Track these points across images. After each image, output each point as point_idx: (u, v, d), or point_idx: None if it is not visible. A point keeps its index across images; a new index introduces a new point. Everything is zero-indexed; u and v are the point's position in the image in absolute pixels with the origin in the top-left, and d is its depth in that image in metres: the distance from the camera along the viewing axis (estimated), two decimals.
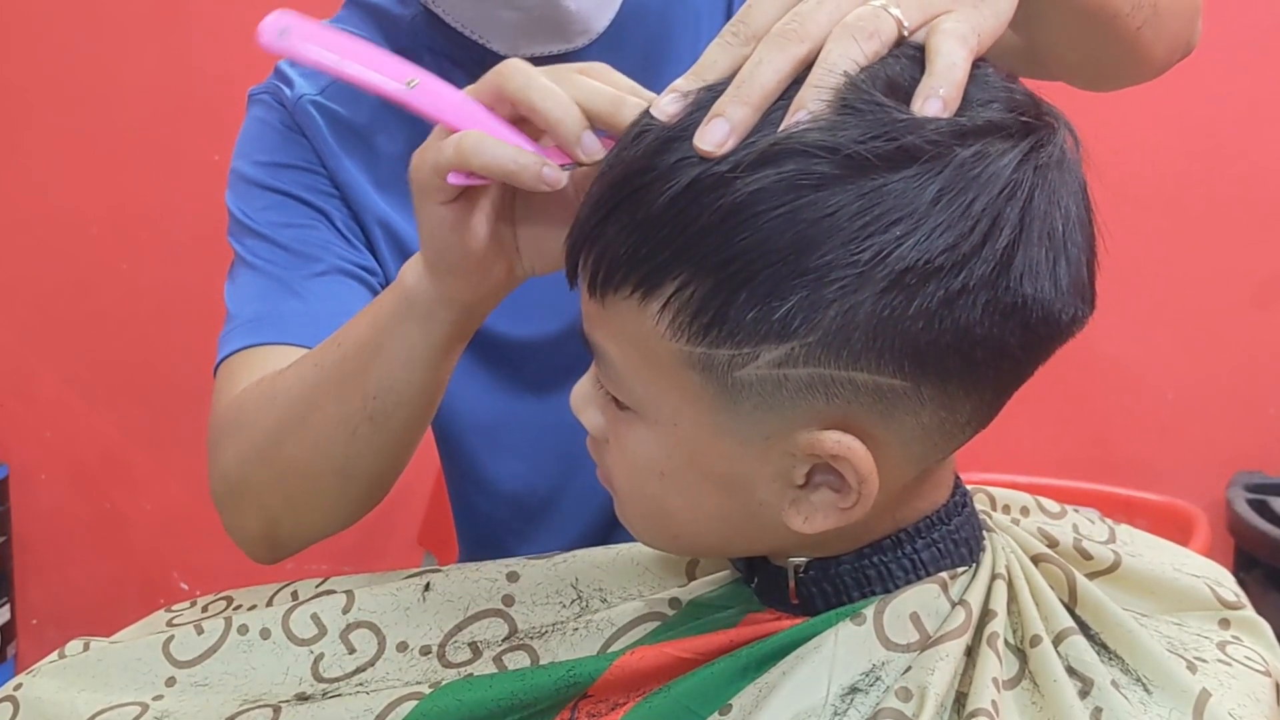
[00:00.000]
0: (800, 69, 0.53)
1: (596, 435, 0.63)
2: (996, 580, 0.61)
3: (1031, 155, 0.53)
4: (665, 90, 0.56)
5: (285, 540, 0.83)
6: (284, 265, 0.89)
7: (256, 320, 0.87)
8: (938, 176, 0.51)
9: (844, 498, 0.56)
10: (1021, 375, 0.57)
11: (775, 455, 0.56)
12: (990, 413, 0.58)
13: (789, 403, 0.53)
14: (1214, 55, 1.93)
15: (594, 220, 0.55)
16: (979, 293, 0.51)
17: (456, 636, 0.70)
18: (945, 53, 0.53)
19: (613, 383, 0.59)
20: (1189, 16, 0.86)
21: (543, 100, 0.61)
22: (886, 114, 0.51)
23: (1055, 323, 0.54)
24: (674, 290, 0.53)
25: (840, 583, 0.60)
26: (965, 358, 0.53)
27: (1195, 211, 1.98)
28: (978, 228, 0.51)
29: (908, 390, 0.53)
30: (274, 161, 0.92)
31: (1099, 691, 0.57)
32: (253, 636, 0.72)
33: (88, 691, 0.71)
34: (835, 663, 0.57)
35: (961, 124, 0.52)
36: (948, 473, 0.62)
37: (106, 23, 2.11)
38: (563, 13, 0.86)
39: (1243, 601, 0.69)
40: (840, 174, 0.50)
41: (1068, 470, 1.96)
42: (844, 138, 0.50)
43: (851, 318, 0.51)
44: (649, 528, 0.63)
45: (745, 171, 0.51)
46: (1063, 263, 0.54)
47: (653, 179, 0.53)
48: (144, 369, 2.20)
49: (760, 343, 0.52)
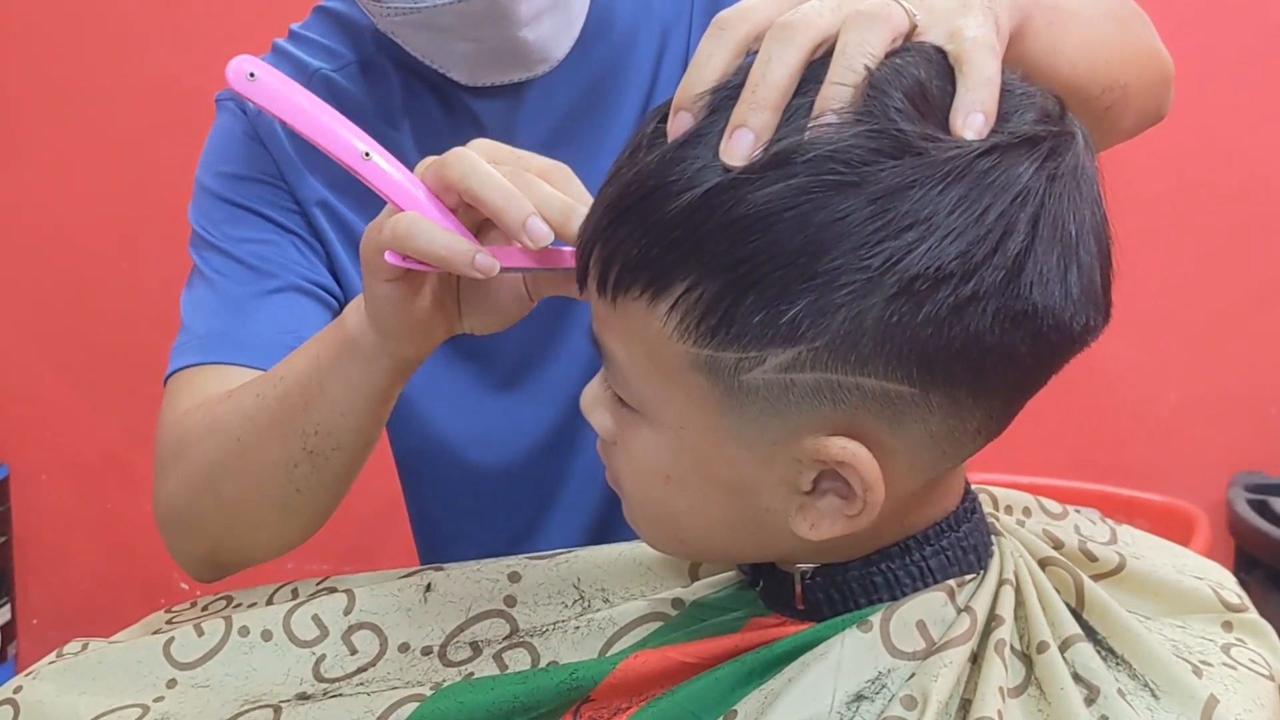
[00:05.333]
0: (810, 60, 0.53)
1: (605, 437, 0.62)
2: (1004, 586, 0.60)
3: (1048, 163, 0.52)
4: (670, 105, 0.55)
5: (227, 563, 0.85)
6: (239, 281, 0.89)
7: (208, 337, 0.87)
8: (955, 185, 0.50)
9: (850, 505, 0.55)
10: (1033, 385, 0.56)
11: (781, 461, 0.55)
12: (1002, 422, 0.57)
13: (795, 408, 0.53)
14: (1215, 58, 1.94)
15: (606, 221, 0.55)
16: (989, 300, 0.51)
17: (458, 637, 0.70)
18: (979, 65, 0.52)
19: (620, 385, 0.59)
20: (1160, 90, 0.86)
21: (483, 189, 0.62)
22: (910, 124, 0.51)
23: (1067, 331, 0.54)
24: (683, 291, 0.52)
25: (847, 589, 0.60)
26: (974, 366, 0.52)
27: (1196, 212, 1.97)
28: (990, 235, 0.50)
29: (916, 398, 0.53)
30: (234, 174, 0.92)
31: (1104, 699, 0.57)
32: (254, 638, 0.71)
33: (88, 694, 0.71)
34: (841, 670, 0.57)
35: (993, 142, 0.51)
36: (957, 481, 0.62)
37: (107, 22, 2.11)
38: (519, 44, 0.85)
39: (1245, 604, 0.68)
40: (854, 181, 0.50)
41: (1068, 470, 1.96)
42: (863, 147, 0.50)
43: (860, 323, 0.50)
44: (656, 531, 0.63)
45: (760, 176, 0.50)
46: (1074, 270, 0.53)
47: (668, 184, 0.52)
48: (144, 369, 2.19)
49: (767, 346, 0.51)
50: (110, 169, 2.15)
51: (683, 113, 0.54)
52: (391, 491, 1.07)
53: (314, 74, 0.93)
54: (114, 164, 2.15)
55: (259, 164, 0.92)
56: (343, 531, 1.46)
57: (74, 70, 2.13)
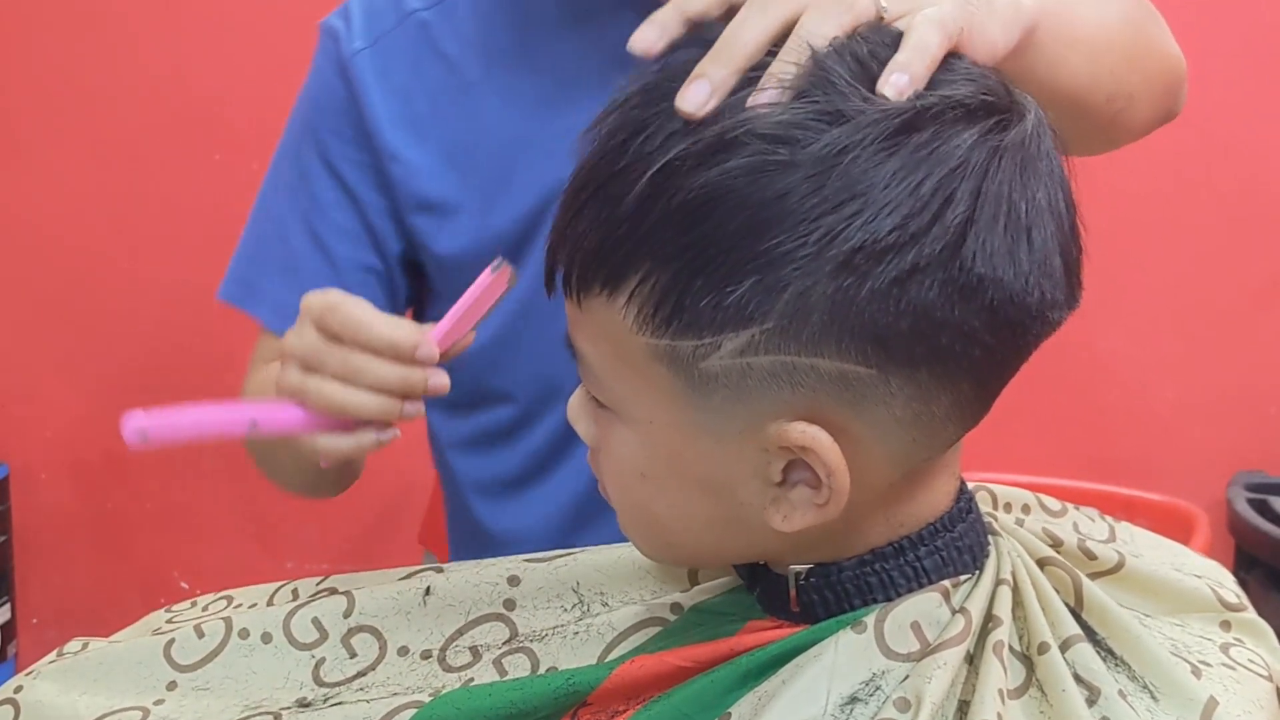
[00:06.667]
0: (784, 33, 0.54)
1: (590, 443, 0.63)
2: (1001, 586, 0.60)
3: (991, 135, 0.53)
4: (616, 101, 0.56)
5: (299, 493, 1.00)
6: (316, 263, 0.95)
7: (281, 308, 0.92)
8: (891, 157, 0.51)
9: (819, 494, 0.55)
10: (1002, 368, 0.56)
11: (750, 451, 0.55)
12: (974, 410, 0.57)
13: (756, 393, 0.53)
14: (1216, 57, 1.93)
15: (565, 221, 0.56)
16: (932, 272, 0.51)
17: (457, 641, 0.70)
18: (918, 35, 0.53)
19: (594, 384, 0.59)
20: (1171, 92, 0.86)
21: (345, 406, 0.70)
22: (843, 97, 0.51)
23: (1021, 306, 0.53)
24: (637, 283, 0.53)
25: (842, 590, 0.60)
26: (930, 344, 0.52)
27: (1196, 212, 1.97)
28: (928, 206, 0.51)
29: (874, 379, 0.53)
30: (314, 122, 0.95)
31: (1105, 700, 0.57)
32: (254, 640, 0.71)
33: (88, 695, 0.71)
34: (835, 672, 0.57)
35: (918, 105, 0.52)
36: (946, 478, 0.61)
37: (108, 22, 2.11)
38: None
39: (1244, 603, 0.69)
40: (792, 160, 0.50)
41: (1068, 470, 1.96)
42: (799, 122, 0.51)
43: (806, 300, 0.51)
44: (647, 538, 0.63)
45: (700, 162, 0.51)
46: (1024, 246, 0.53)
47: (615, 175, 0.53)
48: (144, 369, 2.20)
49: (720, 331, 0.52)
50: (110, 168, 2.15)
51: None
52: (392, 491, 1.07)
53: (409, 16, 0.93)
54: (114, 163, 2.15)
55: (335, 116, 0.94)
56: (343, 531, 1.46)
57: (74, 70, 2.13)
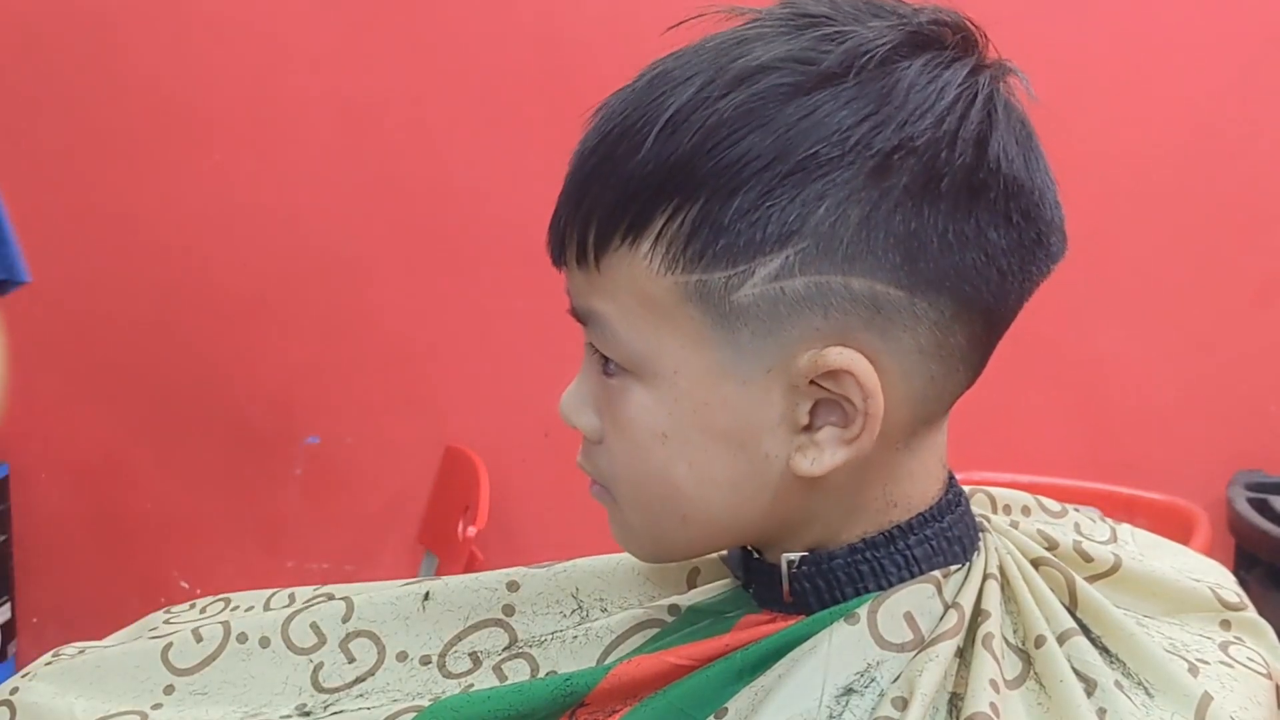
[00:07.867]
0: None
1: (591, 435, 0.62)
2: (989, 580, 0.61)
3: (985, 70, 0.56)
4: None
5: None
6: None
7: None
8: (909, 69, 0.53)
9: (848, 430, 0.56)
10: (1008, 305, 0.58)
11: (777, 395, 0.56)
12: (979, 356, 0.59)
13: (788, 322, 0.54)
14: (1215, 56, 1.93)
15: (576, 189, 0.57)
16: (962, 171, 0.53)
17: (457, 646, 0.70)
18: None
19: (610, 345, 0.59)
20: None
21: None
22: (844, 23, 0.54)
23: (1036, 220, 0.56)
24: (664, 222, 0.54)
25: (834, 578, 0.60)
26: (954, 261, 0.54)
27: (1196, 211, 1.97)
28: (953, 110, 0.53)
29: (902, 301, 0.54)
30: None
31: (1103, 692, 0.57)
32: (252, 645, 0.71)
33: (84, 698, 0.70)
34: (830, 664, 0.57)
35: (914, 23, 0.55)
36: (937, 463, 0.62)
37: (108, 22, 2.11)
38: None
39: (1244, 602, 0.69)
40: (819, 73, 0.52)
41: (1068, 470, 1.96)
42: (813, 46, 0.53)
43: (841, 212, 0.52)
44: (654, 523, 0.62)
45: (727, 90, 0.53)
46: (1035, 158, 0.56)
47: (630, 128, 0.54)
48: (144, 369, 2.20)
49: (755, 257, 0.53)
50: (109, 168, 2.15)
51: None
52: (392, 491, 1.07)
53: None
54: (112, 163, 2.15)
55: None
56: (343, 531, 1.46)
57: (73, 69, 2.13)
